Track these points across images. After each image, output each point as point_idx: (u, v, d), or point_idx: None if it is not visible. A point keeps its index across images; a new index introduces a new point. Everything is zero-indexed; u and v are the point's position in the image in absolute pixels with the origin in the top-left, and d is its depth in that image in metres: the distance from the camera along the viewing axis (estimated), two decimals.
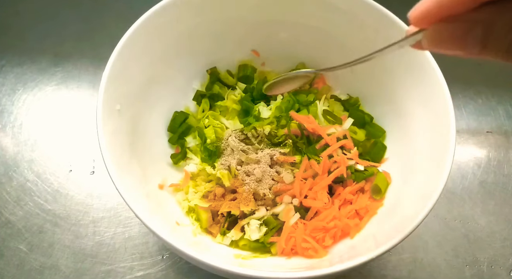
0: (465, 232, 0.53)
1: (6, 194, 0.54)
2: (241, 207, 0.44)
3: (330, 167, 0.46)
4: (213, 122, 0.51)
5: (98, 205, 0.53)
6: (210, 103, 0.53)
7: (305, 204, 0.45)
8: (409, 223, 0.35)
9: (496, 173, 0.57)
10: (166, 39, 0.47)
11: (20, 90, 0.62)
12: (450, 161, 0.37)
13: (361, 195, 0.46)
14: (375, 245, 0.35)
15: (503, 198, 0.55)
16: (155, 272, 0.49)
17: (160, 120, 0.51)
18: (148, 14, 0.43)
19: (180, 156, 0.50)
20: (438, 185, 0.36)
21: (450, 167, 0.37)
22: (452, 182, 0.56)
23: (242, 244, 0.44)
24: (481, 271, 0.50)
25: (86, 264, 0.50)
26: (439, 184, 0.36)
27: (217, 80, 0.54)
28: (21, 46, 0.66)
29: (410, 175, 0.43)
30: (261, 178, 0.45)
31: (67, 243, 0.51)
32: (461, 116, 0.61)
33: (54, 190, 0.55)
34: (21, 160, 0.57)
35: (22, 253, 0.50)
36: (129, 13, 0.46)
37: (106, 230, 0.52)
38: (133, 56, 0.43)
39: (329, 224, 0.43)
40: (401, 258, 0.51)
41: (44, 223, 0.52)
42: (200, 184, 0.48)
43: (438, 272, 0.50)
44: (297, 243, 0.42)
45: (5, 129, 0.59)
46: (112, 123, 0.40)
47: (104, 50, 0.42)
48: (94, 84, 0.63)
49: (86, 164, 0.56)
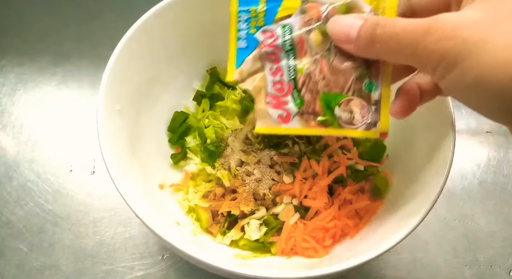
0: (465, 232, 0.53)
1: (6, 194, 0.54)
2: (241, 207, 0.44)
3: (330, 167, 0.46)
4: (213, 123, 0.51)
5: (98, 204, 0.54)
6: (210, 104, 0.53)
7: (305, 204, 0.45)
8: (408, 222, 0.35)
9: (496, 173, 0.57)
10: (166, 39, 0.47)
11: (21, 91, 0.62)
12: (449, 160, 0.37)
13: (361, 195, 0.46)
14: (374, 245, 0.35)
15: (503, 198, 0.55)
16: (155, 271, 0.49)
17: (160, 120, 0.51)
18: (148, 14, 0.43)
19: (180, 156, 0.50)
20: (437, 184, 0.36)
21: (449, 167, 0.37)
22: (452, 182, 0.56)
23: (242, 244, 0.44)
24: (480, 271, 0.50)
25: (86, 264, 0.50)
26: (439, 183, 0.36)
27: (217, 80, 0.54)
28: (22, 46, 0.66)
29: (410, 175, 0.43)
30: (261, 178, 0.46)
31: (67, 243, 0.51)
32: (460, 116, 0.61)
33: (55, 190, 0.55)
34: (21, 160, 0.57)
35: (22, 252, 0.50)
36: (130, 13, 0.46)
37: (107, 229, 0.52)
38: (133, 56, 0.43)
39: (329, 224, 0.43)
40: (401, 257, 0.51)
41: (45, 222, 0.52)
42: (200, 184, 0.48)
43: (438, 271, 0.50)
44: (297, 243, 0.42)
45: (5, 130, 0.59)
46: (112, 123, 0.40)
47: (105, 50, 0.42)
48: (95, 84, 0.63)
49: (87, 164, 0.57)
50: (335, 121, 0.32)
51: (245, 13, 0.33)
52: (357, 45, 0.28)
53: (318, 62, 0.32)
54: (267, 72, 0.33)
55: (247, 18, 0.34)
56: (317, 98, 0.32)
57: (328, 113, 0.32)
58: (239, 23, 0.34)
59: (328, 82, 0.32)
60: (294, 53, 0.32)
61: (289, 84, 0.33)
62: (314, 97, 0.32)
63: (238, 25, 0.34)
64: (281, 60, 0.33)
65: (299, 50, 0.32)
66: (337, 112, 0.32)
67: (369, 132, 0.32)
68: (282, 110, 0.33)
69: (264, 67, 0.33)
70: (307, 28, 0.32)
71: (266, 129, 0.34)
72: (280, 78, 0.33)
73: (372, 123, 0.32)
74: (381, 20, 0.26)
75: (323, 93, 0.32)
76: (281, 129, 0.34)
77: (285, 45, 0.32)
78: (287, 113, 0.33)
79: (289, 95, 0.33)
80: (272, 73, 0.33)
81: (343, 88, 0.32)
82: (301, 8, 0.32)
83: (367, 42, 0.27)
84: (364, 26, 0.27)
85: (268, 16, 0.33)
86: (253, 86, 0.34)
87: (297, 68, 0.32)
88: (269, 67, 0.33)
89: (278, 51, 0.33)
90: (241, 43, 0.34)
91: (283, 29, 0.32)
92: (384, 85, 0.31)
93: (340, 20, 0.30)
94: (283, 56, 0.33)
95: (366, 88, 0.31)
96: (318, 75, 0.32)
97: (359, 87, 0.31)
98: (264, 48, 0.33)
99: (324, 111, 0.32)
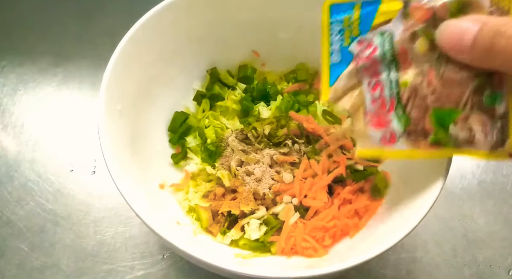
0: (464, 232, 0.53)
1: (7, 193, 0.54)
2: (241, 206, 0.44)
3: (329, 167, 0.46)
4: (213, 123, 0.51)
5: (99, 204, 0.54)
6: (210, 104, 0.53)
7: (304, 204, 0.45)
8: (408, 222, 0.35)
9: (495, 172, 0.57)
10: (167, 40, 0.47)
11: (21, 91, 0.63)
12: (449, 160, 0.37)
13: (360, 194, 0.46)
14: (374, 244, 0.35)
15: (502, 198, 0.55)
16: (155, 271, 0.49)
17: (160, 120, 0.51)
18: (149, 14, 0.43)
19: (181, 155, 0.50)
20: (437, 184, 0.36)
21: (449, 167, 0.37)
22: (451, 182, 0.56)
23: (242, 243, 0.44)
24: (480, 271, 0.50)
25: (87, 263, 0.50)
26: (438, 183, 0.36)
27: (217, 80, 0.54)
28: (22, 47, 0.66)
29: (409, 174, 0.43)
30: (261, 178, 0.46)
31: (68, 243, 0.51)
32: None
33: (55, 190, 0.55)
34: (22, 160, 0.57)
35: (23, 252, 0.50)
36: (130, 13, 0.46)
37: (107, 229, 0.52)
38: (134, 57, 0.43)
39: (329, 224, 0.43)
40: (400, 257, 0.51)
41: (45, 222, 0.52)
42: (200, 184, 0.48)
43: (437, 271, 0.50)
44: (297, 243, 0.42)
45: (6, 130, 0.59)
46: (113, 123, 0.40)
47: (105, 50, 0.43)
48: (95, 85, 0.63)
49: (87, 164, 0.57)
50: (451, 141, 0.28)
51: (337, 23, 0.30)
52: (472, 56, 0.24)
53: (426, 74, 0.27)
54: (365, 88, 0.29)
55: (340, 29, 0.30)
56: (426, 116, 0.28)
57: (441, 132, 0.28)
58: (331, 35, 0.30)
59: (439, 96, 0.27)
60: (397, 64, 0.28)
61: (391, 100, 0.29)
62: (423, 114, 0.28)
63: (330, 38, 0.30)
64: (381, 74, 0.29)
65: (402, 60, 0.28)
66: (452, 131, 0.28)
67: (495, 154, 0.28)
68: (385, 131, 0.29)
69: (362, 83, 0.30)
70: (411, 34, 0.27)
71: (369, 152, 0.31)
72: (381, 93, 0.29)
73: (499, 142, 0.27)
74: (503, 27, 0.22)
75: (434, 109, 0.28)
76: (385, 152, 0.30)
77: (385, 56, 0.28)
78: (391, 134, 0.29)
79: (392, 113, 0.29)
80: (371, 89, 0.29)
81: (458, 102, 0.27)
82: (403, 10, 0.27)
83: (486, 53, 0.23)
84: (481, 33, 0.23)
85: (364, 24, 0.29)
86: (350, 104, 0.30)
87: (400, 82, 0.28)
88: (367, 81, 0.29)
89: (377, 64, 0.29)
90: (334, 57, 0.30)
91: (382, 38, 0.28)
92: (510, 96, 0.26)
93: (450, 25, 0.25)
94: (384, 69, 0.28)
95: (488, 100, 0.26)
96: (427, 88, 0.27)
97: (478, 100, 0.27)
98: (361, 62, 0.29)
99: (436, 130, 0.28)
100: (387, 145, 0.30)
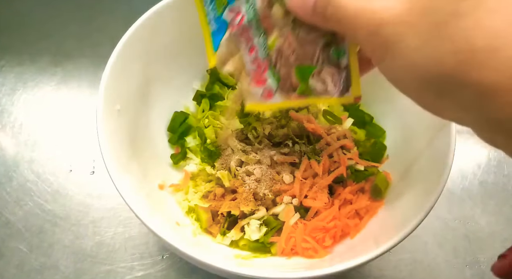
0: (465, 232, 0.53)
1: (6, 194, 0.54)
2: (241, 207, 0.44)
3: (330, 167, 0.46)
4: (213, 122, 0.51)
5: (98, 205, 0.54)
6: (210, 104, 0.53)
7: (305, 204, 0.45)
8: (409, 223, 0.35)
9: (496, 173, 0.57)
10: (166, 39, 0.47)
11: (20, 90, 0.62)
12: (450, 161, 0.37)
13: (361, 195, 0.46)
14: (375, 245, 0.35)
15: (503, 198, 0.55)
16: (155, 272, 0.49)
17: (160, 120, 0.51)
18: (148, 14, 0.43)
19: (180, 156, 0.50)
20: (438, 185, 0.36)
21: (450, 167, 0.37)
22: (452, 182, 0.56)
23: (242, 244, 0.44)
24: (481, 271, 0.50)
25: (86, 264, 0.50)
26: (439, 184, 0.36)
27: (217, 80, 0.54)
28: (21, 46, 0.66)
29: (410, 175, 0.43)
30: (261, 178, 0.46)
31: (67, 243, 0.51)
32: None
33: (54, 190, 0.55)
34: (21, 160, 0.57)
35: (22, 253, 0.50)
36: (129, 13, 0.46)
37: (106, 230, 0.52)
38: (133, 56, 0.43)
39: (329, 224, 0.43)
40: (401, 258, 0.51)
41: (44, 223, 0.52)
42: (200, 184, 0.48)
43: (438, 272, 0.50)
44: (297, 243, 0.42)
45: (5, 130, 0.59)
46: (112, 123, 0.40)
47: (104, 50, 0.42)
48: (94, 84, 0.63)
49: (86, 164, 0.56)
50: (312, 92, 0.32)
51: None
52: (314, 19, 0.27)
53: (286, 36, 0.31)
54: (243, 51, 0.33)
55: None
56: (292, 72, 0.32)
57: (304, 85, 0.32)
58: (205, 5, 0.33)
59: (298, 55, 0.31)
60: (263, 29, 0.31)
61: (264, 61, 0.32)
62: (288, 72, 0.32)
63: (205, 8, 0.33)
64: (254, 38, 0.32)
65: (266, 26, 0.31)
66: (311, 84, 0.32)
67: (343, 98, 0.32)
68: (264, 87, 0.33)
69: (240, 47, 0.33)
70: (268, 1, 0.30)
71: (255, 106, 0.34)
72: (256, 56, 0.32)
73: (345, 89, 0.32)
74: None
75: (296, 67, 0.32)
76: (267, 105, 0.34)
77: (251, 22, 0.31)
78: (268, 90, 0.33)
79: (267, 72, 0.32)
80: (248, 52, 0.33)
81: (312, 59, 0.31)
82: None
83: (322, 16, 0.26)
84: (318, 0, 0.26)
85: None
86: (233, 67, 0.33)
87: (268, 44, 0.32)
88: (244, 46, 0.32)
89: (248, 30, 0.32)
90: (212, 26, 0.33)
91: (247, 5, 0.31)
92: (351, 50, 0.31)
93: None
94: (255, 34, 0.32)
95: (334, 55, 0.31)
96: (288, 49, 0.31)
97: (327, 55, 0.31)
98: (235, 29, 0.32)
99: (300, 84, 0.32)
100: (267, 99, 0.33)
